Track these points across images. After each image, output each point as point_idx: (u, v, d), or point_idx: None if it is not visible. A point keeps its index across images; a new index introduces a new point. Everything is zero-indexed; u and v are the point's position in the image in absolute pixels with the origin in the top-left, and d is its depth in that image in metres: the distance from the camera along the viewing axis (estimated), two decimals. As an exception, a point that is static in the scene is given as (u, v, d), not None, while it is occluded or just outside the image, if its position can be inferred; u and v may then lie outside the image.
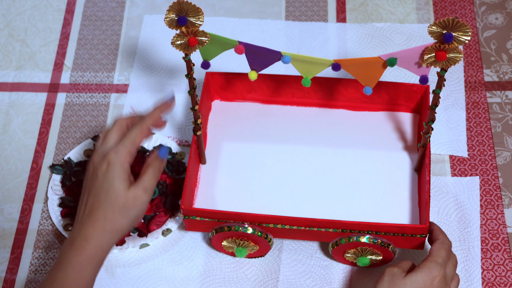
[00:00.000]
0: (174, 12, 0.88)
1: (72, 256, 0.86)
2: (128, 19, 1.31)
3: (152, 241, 1.07)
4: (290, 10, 1.31)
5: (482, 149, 1.15)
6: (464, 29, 0.86)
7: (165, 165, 1.00)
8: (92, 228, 0.87)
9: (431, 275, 0.93)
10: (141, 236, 1.07)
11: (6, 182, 1.15)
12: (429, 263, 0.94)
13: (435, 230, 0.99)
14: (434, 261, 0.94)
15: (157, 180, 0.91)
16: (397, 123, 1.13)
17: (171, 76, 1.24)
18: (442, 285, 0.94)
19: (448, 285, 0.95)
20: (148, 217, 1.08)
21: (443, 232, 0.99)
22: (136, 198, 0.88)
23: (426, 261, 0.94)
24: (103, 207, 0.87)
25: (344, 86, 1.12)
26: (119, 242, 1.06)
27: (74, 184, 1.12)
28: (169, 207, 1.09)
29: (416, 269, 0.94)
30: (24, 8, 1.33)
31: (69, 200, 1.10)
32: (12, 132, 1.20)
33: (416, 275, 0.93)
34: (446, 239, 0.97)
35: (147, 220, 1.08)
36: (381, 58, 0.90)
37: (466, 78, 1.22)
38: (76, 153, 1.15)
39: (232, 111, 1.15)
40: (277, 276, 1.06)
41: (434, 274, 0.93)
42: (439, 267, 0.93)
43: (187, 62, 0.95)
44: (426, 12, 1.29)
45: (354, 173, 1.09)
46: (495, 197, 1.11)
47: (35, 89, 1.24)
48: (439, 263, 0.94)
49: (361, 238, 0.99)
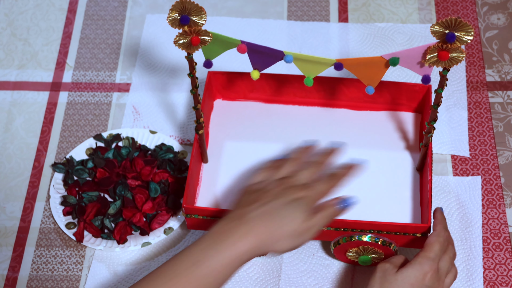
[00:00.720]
0: (177, 11, 0.89)
1: None
2: (130, 18, 1.31)
3: (154, 239, 1.07)
4: (292, 10, 1.31)
5: (484, 148, 1.15)
6: (467, 29, 0.86)
7: None
8: None
9: (423, 271, 0.92)
10: (143, 234, 1.08)
11: (8, 180, 1.16)
12: (421, 258, 0.93)
13: (435, 219, 0.98)
14: (426, 257, 0.93)
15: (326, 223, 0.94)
16: (399, 123, 1.13)
17: (173, 75, 1.24)
18: (435, 280, 0.93)
19: (442, 279, 0.94)
20: (150, 215, 1.09)
21: (442, 223, 0.97)
22: None
23: (418, 256, 0.94)
24: None
25: (346, 85, 1.12)
26: (121, 241, 1.06)
27: (76, 182, 1.12)
28: (171, 205, 1.09)
29: (407, 265, 0.93)
30: (27, 8, 1.33)
31: (71, 199, 1.11)
32: (14, 131, 1.20)
33: (407, 271, 0.93)
34: (442, 231, 0.96)
35: (149, 219, 1.08)
36: (383, 57, 0.90)
37: (468, 78, 1.22)
38: (79, 151, 1.15)
39: (234, 110, 1.15)
40: (279, 274, 1.06)
41: (426, 269, 0.92)
42: (431, 262, 0.93)
43: (189, 61, 0.95)
44: (428, 12, 1.29)
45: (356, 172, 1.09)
46: (497, 197, 1.11)
47: (37, 88, 1.24)
48: (431, 258, 0.93)
49: (362, 237, 0.99)
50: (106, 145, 1.16)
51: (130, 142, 1.15)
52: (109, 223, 1.08)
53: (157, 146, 1.15)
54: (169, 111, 1.21)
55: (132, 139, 1.15)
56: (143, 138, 1.16)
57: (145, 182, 1.11)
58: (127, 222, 1.08)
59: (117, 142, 1.16)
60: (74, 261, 1.08)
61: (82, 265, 1.08)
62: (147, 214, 1.09)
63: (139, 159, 1.12)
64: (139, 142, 1.16)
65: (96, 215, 1.09)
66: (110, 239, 1.08)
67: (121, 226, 1.07)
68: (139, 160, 1.12)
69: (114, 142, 1.16)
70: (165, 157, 1.13)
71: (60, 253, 1.09)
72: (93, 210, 1.08)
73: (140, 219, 1.08)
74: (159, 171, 1.12)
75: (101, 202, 1.10)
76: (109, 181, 1.11)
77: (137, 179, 1.11)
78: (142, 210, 1.08)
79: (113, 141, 1.16)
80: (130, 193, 1.10)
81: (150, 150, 1.15)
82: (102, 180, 1.11)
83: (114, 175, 1.11)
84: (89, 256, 1.08)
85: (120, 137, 1.16)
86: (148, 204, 1.09)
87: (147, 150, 1.14)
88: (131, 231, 1.08)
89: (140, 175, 1.11)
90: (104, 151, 1.15)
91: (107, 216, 1.08)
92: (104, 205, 1.10)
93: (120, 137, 1.16)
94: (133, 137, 1.16)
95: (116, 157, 1.14)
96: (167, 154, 1.14)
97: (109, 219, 1.08)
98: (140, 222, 1.08)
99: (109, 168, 1.12)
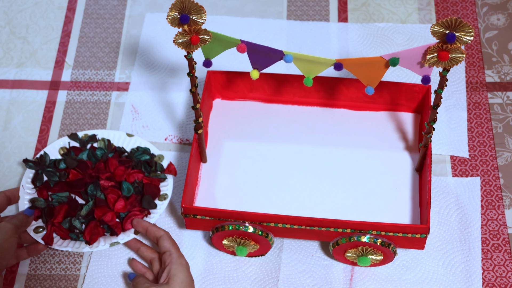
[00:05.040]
0: (177, 10, 0.88)
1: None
2: (129, 17, 1.31)
3: (123, 239, 1.05)
4: (291, 9, 1.31)
5: (483, 149, 1.15)
6: (467, 29, 0.86)
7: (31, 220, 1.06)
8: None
9: (187, 267, 1.00)
10: (112, 235, 1.05)
11: (7, 179, 1.15)
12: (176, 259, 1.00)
13: (149, 227, 1.04)
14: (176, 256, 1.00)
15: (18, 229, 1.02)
16: (398, 123, 1.13)
17: (172, 75, 1.24)
18: (183, 260, 1.00)
19: (182, 256, 1.01)
20: (123, 215, 1.06)
21: (153, 224, 1.05)
22: None
23: (172, 263, 0.99)
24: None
25: (346, 85, 1.12)
26: (91, 241, 1.04)
27: (46, 183, 1.09)
28: (147, 205, 1.07)
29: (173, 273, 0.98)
30: (26, 6, 1.33)
31: (40, 202, 1.07)
32: (13, 130, 1.20)
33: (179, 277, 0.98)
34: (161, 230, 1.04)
35: (121, 219, 1.06)
36: (383, 58, 0.90)
37: (468, 78, 1.22)
38: (52, 149, 1.13)
39: (233, 110, 1.15)
40: (278, 275, 1.06)
41: (187, 265, 1.00)
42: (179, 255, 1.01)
43: (189, 61, 0.95)
44: (428, 12, 1.29)
45: (355, 173, 1.09)
46: (496, 198, 1.11)
47: (36, 87, 1.24)
48: (180, 255, 1.01)
49: (361, 238, 0.99)
50: (81, 145, 1.13)
51: (106, 143, 1.13)
52: (79, 224, 1.04)
53: (133, 148, 1.13)
54: (168, 110, 1.21)
55: (108, 141, 1.13)
56: (119, 140, 1.14)
57: (118, 183, 1.08)
58: (98, 222, 1.05)
59: (92, 143, 1.14)
60: (72, 261, 1.08)
61: (81, 265, 1.08)
62: (119, 213, 1.06)
63: (113, 159, 1.09)
64: (115, 145, 1.14)
65: (65, 217, 1.05)
66: (78, 239, 1.05)
67: (92, 226, 1.04)
68: (113, 160, 1.09)
69: (89, 143, 1.13)
70: (141, 158, 1.11)
71: (58, 252, 1.09)
72: (61, 212, 1.05)
73: (112, 218, 1.05)
74: (133, 171, 1.08)
75: (71, 203, 1.06)
76: (82, 182, 1.07)
77: (110, 180, 1.08)
78: (114, 210, 1.05)
79: (89, 141, 1.13)
80: (102, 193, 1.07)
81: (126, 153, 1.12)
82: (74, 182, 1.07)
83: (87, 177, 1.08)
84: (88, 255, 1.08)
85: (95, 138, 1.14)
86: (120, 203, 1.05)
87: (122, 152, 1.12)
88: (103, 232, 1.05)
89: (113, 175, 1.08)
90: (79, 152, 1.12)
91: (77, 217, 1.05)
92: (73, 206, 1.06)
93: (95, 138, 1.14)
94: (109, 139, 1.14)
95: (90, 158, 1.10)
96: (143, 156, 1.11)
97: (79, 220, 1.05)
98: (112, 222, 1.05)
99: (82, 170, 1.08)
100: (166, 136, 1.18)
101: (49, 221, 1.05)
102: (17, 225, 1.02)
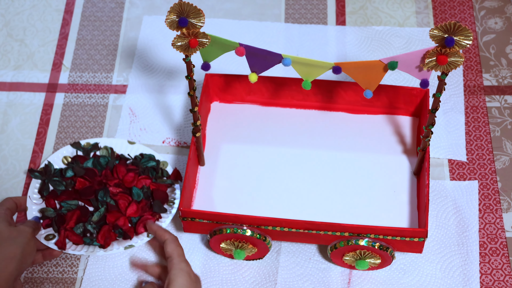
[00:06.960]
0: (175, 13, 0.88)
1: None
2: (127, 19, 1.31)
3: (137, 242, 1.06)
4: (289, 12, 1.31)
5: (481, 153, 1.15)
6: (466, 33, 0.86)
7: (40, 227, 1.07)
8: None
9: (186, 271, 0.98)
10: (126, 238, 1.06)
11: (4, 182, 1.15)
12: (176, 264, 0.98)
13: (157, 231, 1.03)
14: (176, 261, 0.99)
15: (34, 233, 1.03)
16: (397, 127, 1.13)
17: (170, 78, 1.24)
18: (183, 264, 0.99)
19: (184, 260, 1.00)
20: (135, 220, 1.07)
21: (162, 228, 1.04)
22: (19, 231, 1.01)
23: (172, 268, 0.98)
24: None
25: (344, 89, 1.12)
26: (105, 245, 1.05)
27: (53, 193, 1.10)
28: (158, 210, 1.08)
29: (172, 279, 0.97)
30: (23, 8, 1.33)
31: (49, 211, 1.08)
32: (10, 132, 1.20)
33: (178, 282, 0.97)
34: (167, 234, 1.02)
35: (134, 224, 1.07)
36: (382, 61, 0.90)
37: (465, 82, 1.22)
38: (56, 158, 1.13)
39: (231, 113, 1.15)
40: (275, 278, 1.05)
41: (187, 270, 0.98)
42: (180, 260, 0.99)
43: (187, 64, 0.94)
44: (425, 16, 1.29)
45: (353, 176, 1.09)
46: (494, 202, 1.11)
47: (33, 89, 1.24)
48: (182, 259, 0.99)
49: (359, 241, 0.99)
50: (84, 154, 1.14)
51: (109, 151, 1.13)
52: (92, 228, 1.05)
53: (137, 155, 1.14)
54: (166, 113, 1.21)
55: (111, 149, 1.14)
56: (121, 148, 1.15)
57: (127, 189, 1.09)
58: (110, 227, 1.06)
59: (95, 151, 1.14)
60: (69, 264, 1.08)
61: (78, 268, 1.08)
62: (131, 218, 1.07)
63: (121, 166, 1.10)
64: (117, 152, 1.15)
65: (77, 223, 1.06)
66: (92, 244, 1.06)
67: (105, 230, 1.05)
68: (121, 167, 1.10)
69: (92, 151, 1.14)
70: (147, 164, 1.12)
71: (56, 255, 1.08)
72: (74, 218, 1.06)
73: (125, 223, 1.06)
74: (141, 178, 1.09)
75: (81, 210, 1.07)
76: (91, 190, 1.08)
77: (119, 186, 1.09)
78: (126, 214, 1.07)
79: (92, 150, 1.14)
80: (112, 200, 1.08)
81: (131, 159, 1.13)
82: (83, 190, 1.08)
83: (95, 184, 1.09)
84: (85, 258, 1.08)
85: (98, 147, 1.14)
86: (132, 208, 1.06)
87: (126, 159, 1.13)
88: (115, 236, 1.06)
89: (122, 182, 1.09)
90: (83, 160, 1.13)
91: (89, 222, 1.06)
92: (84, 213, 1.07)
93: (98, 146, 1.14)
94: (112, 147, 1.14)
95: (96, 166, 1.11)
96: (149, 162, 1.12)
97: (91, 224, 1.06)
98: (125, 226, 1.06)
99: (90, 177, 1.09)
100: (163, 139, 1.18)
101: (61, 227, 1.06)
102: (34, 229, 1.03)
